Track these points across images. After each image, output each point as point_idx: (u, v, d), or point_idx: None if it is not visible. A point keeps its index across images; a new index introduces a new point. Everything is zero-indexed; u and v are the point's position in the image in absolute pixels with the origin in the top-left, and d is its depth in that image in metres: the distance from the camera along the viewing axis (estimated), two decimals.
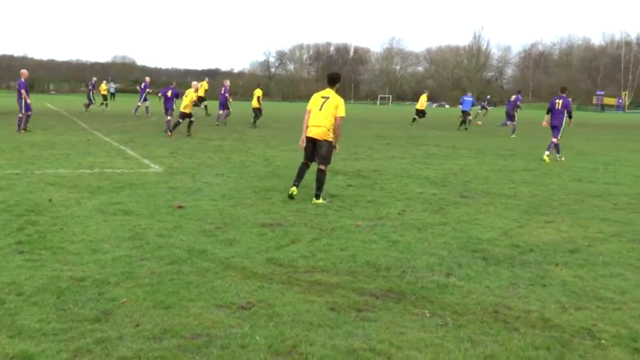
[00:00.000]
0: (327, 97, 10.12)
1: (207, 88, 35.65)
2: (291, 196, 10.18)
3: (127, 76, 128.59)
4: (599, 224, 9.00)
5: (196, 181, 11.86)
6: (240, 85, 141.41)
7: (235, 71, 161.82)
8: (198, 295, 5.35)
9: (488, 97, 42.40)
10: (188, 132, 22.81)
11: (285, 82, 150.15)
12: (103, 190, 10.48)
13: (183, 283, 5.66)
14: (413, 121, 37.10)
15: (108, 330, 4.53)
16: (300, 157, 10.44)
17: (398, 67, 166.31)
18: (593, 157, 18.89)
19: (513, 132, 29.46)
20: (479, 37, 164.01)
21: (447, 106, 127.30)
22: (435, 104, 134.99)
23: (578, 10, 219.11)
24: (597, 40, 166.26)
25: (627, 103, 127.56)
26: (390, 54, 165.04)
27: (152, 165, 14.01)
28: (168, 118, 23.71)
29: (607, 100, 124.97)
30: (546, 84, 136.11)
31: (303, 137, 10.26)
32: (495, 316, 5.10)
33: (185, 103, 22.93)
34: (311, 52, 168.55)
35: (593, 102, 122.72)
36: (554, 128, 18.34)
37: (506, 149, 21.45)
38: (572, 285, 6.04)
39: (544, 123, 18.64)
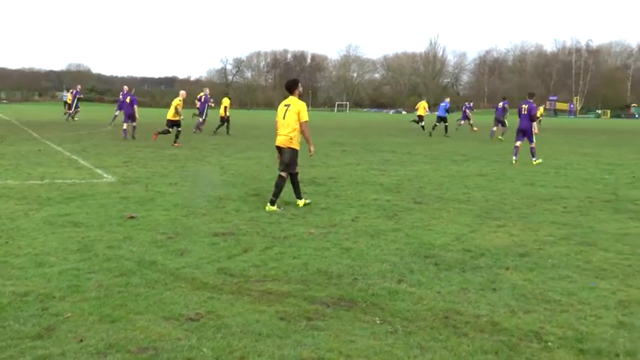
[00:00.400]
0: (289, 105, 10.20)
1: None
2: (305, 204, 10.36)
3: (83, 85, 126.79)
4: (550, 227, 9.12)
5: (149, 190, 11.71)
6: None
7: (192, 79, 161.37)
8: (146, 308, 5.26)
9: (471, 103, 42.37)
10: (175, 141, 22.90)
11: (243, 90, 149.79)
12: (53, 201, 10.27)
13: (132, 296, 5.55)
14: (417, 123, 37.09)
15: (50, 346, 4.41)
16: (255, 165, 10.36)
17: (355, 74, 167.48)
18: (545, 161, 19.15)
19: (502, 135, 30.32)
20: (435, 44, 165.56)
21: (403, 113, 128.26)
22: (392, 111, 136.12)
23: (530, 18, 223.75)
24: (549, 47, 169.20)
25: (578, 108, 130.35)
26: (347, 61, 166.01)
27: (105, 175, 13.79)
28: (125, 126, 24.47)
29: (559, 105, 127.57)
30: (501, 89, 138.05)
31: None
32: (445, 321, 5.11)
33: (173, 111, 23.16)
34: (268, 60, 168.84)
35: (547, 107, 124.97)
36: (522, 132, 18.92)
37: (460, 154, 21.66)
38: (522, 288, 6.09)
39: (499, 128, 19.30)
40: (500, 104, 31.97)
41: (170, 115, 23.22)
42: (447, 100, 35.79)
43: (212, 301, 5.49)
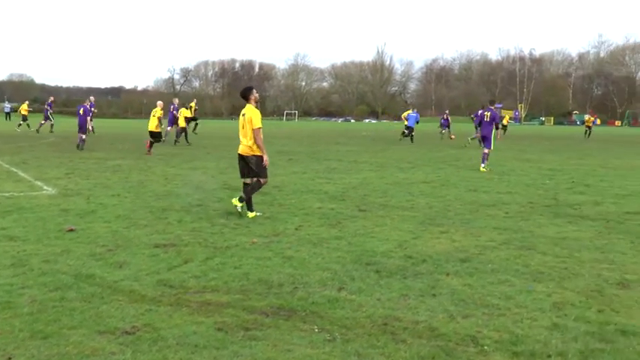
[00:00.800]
0: (244, 114, 10.32)
1: (196, 107, 36.38)
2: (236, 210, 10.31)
3: (25, 95, 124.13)
4: (491, 233, 9.26)
5: (91, 202, 11.50)
6: (145, 102, 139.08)
7: (139, 88, 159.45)
8: (80, 322, 5.15)
9: (447, 112, 43.90)
10: (148, 151, 23.27)
11: (191, 99, 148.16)
12: None
13: (66, 310, 5.43)
14: (403, 135, 37.32)
15: None
16: (200, 175, 10.28)
17: (303, 83, 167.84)
18: (489, 167, 19.47)
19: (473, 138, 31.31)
20: (382, 52, 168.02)
21: (352, 121, 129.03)
22: (341, 119, 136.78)
23: (476, 27, 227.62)
24: (494, 55, 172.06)
25: (523, 115, 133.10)
26: (295, 70, 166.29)
27: (45, 187, 13.50)
28: (83, 136, 24.87)
29: (505, 113, 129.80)
30: (448, 97, 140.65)
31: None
32: (384, 328, 5.13)
33: (155, 122, 23.74)
34: (216, 69, 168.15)
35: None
36: (485, 139, 19.56)
37: (407, 162, 21.88)
38: (461, 293, 6.16)
39: (477, 135, 19.89)
40: (480, 111, 32.84)
41: (152, 126, 23.81)
42: (416, 110, 36.81)
43: (149, 313, 5.41)
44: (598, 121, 76.59)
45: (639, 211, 11.46)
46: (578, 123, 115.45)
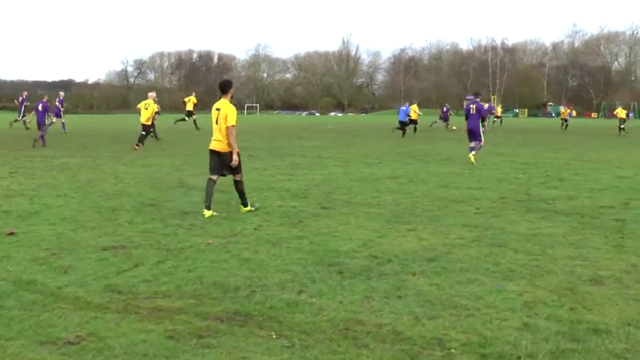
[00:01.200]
0: (219, 109, 10.39)
1: (195, 101, 36.91)
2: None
3: None
4: (460, 230, 9.32)
5: (34, 203, 11.32)
6: (96, 96, 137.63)
7: (90, 82, 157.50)
8: (19, 333, 5.05)
9: (447, 105, 45.92)
10: (137, 144, 23.78)
11: (146, 93, 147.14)
12: None
13: (4, 320, 5.33)
14: (398, 130, 37.30)
15: None
16: (154, 172, 10.18)
17: (265, 75, 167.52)
18: (460, 162, 19.65)
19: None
20: (348, 42, 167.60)
21: (317, 114, 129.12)
22: (305, 112, 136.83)
23: (445, 16, 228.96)
24: (465, 45, 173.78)
25: (497, 108, 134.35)
26: (256, 61, 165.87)
27: None
28: (42, 133, 25.01)
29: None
30: (418, 89, 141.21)
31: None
32: (345, 332, 5.12)
33: (147, 115, 24.65)
34: (172, 60, 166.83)
35: (464, 106, 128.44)
36: (472, 132, 19.83)
37: (373, 157, 21.93)
38: (428, 294, 6.18)
39: (463, 131, 20.15)
40: (486, 105, 33.60)
41: (144, 118, 24.65)
42: (407, 104, 37.13)
43: (95, 321, 5.32)
44: (574, 113, 77.54)
45: (614, 205, 11.64)
46: (553, 115, 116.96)
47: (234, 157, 10.38)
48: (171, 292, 6.15)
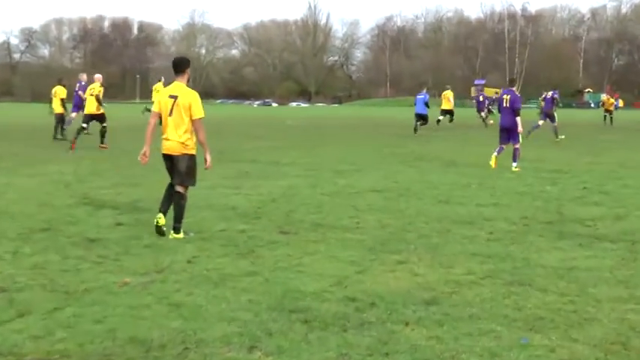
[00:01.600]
0: (176, 96, 10.29)
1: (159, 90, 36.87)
2: (158, 229, 10.44)
3: None
4: (468, 262, 9.32)
5: None
6: None
7: None
8: None
9: (482, 91, 47.37)
10: (101, 143, 25.74)
11: (37, 75, 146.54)
12: None
13: None
14: (438, 123, 39.82)
15: None
16: (47, 184, 10.08)
17: (204, 51, 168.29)
18: (465, 168, 19.76)
19: (557, 134, 32.50)
20: (315, 8, 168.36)
21: (274, 105, 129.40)
22: (257, 102, 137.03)
23: None
24: (474, 13, 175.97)
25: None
26: (191, 32, 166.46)
27: None
28: None
29: (488, 92, 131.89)
30: (409, 71, 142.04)
31: (145, 149, 10.51)
32: None
33: (94, 103, 25.62)
34: (74, 31, 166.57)
35: (472, 94, 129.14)
36: (505, 131, 20.22)
37: (349, 162, 21.98)
38: (426, 351, 6.15)
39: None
40: (550, 93, 34.24)
41: (92, 108, 25.64)
42: (425, 91, 37.60)
43: None
44: (621, 103, 78.40)
45: None
46: (592, 105, 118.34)
47: (208, 157, 10.55)
48: (72, 353, 6.05)
